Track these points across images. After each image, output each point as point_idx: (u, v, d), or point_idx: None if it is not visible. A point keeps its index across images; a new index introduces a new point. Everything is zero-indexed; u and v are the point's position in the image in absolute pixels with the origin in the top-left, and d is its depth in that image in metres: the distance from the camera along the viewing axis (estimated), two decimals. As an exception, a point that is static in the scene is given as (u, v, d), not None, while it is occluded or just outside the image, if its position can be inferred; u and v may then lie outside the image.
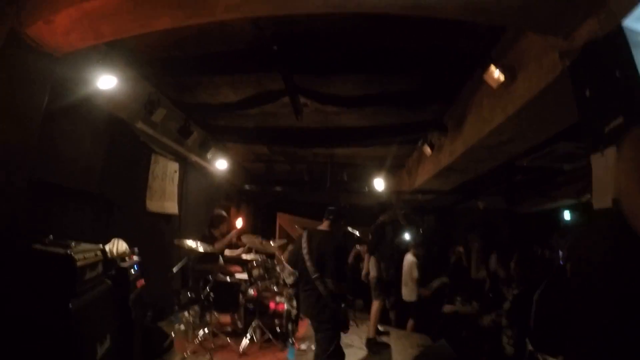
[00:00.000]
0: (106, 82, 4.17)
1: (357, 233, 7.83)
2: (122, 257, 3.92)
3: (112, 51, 4.10)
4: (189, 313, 5.99)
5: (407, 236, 7.53)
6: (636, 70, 2.22)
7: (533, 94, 3.49)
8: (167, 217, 6.97)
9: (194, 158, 7.58)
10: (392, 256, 6.48)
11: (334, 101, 5.45)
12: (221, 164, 8.08)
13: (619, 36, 2.34)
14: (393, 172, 9.38)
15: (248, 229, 9.80)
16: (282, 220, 12.13)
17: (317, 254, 3.98)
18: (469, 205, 10.39)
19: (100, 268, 3.25)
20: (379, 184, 8.63)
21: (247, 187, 10.20)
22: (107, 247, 3.79)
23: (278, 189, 10.67)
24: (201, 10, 3.07)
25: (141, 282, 4.09)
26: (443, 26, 3.79)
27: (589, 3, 2.57)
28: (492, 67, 3.91)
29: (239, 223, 7.49)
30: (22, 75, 3.11)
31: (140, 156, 6.15)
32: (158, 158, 6.58)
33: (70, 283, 2.66)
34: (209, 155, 7.61)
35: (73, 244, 2.93)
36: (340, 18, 3.84)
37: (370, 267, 6.50)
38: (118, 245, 3.94)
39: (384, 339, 6.38)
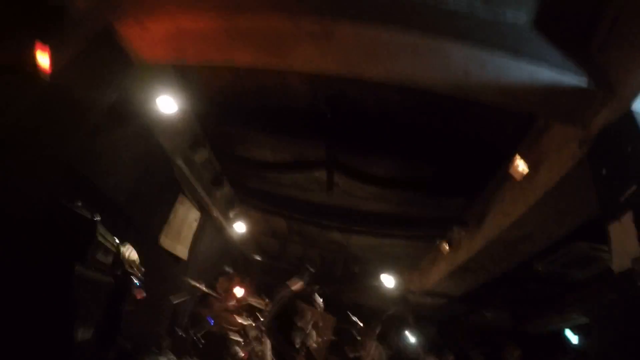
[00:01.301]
0: (166, 104, 4.52)
1: (360, 323, 7.50)
2: (130, 264, 3.93)
3: (180, 78, 4.48)
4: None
5: (411, 339, 7.31)
6: (645, 143, 2.55)
7: (553, 182, 3.71)
8: (175, 259, 6.93)
9: (216, 214, 7.74)
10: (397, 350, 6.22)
11: (367, 179, 5.69)
12: (240, 227, 8.20)
13: (629, 118, 2.72)
14: (405, 271, 9.24)
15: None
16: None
17: None
18: (473, 321, 10.02)
19: (110, 260, 3.27)
20: (389, 280, 8.48)
21: (257, 257, 10.16)
22: (122, 248, 3.82)
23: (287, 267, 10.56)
24: (279, 56, 3.49)
25: (141, 294, 4.04)
26: (476, 120, 4.36)
27: (603, 94, 2.95)
28: (518, 159, 4.19)
29: (239, 292, 7.32)
30: (101, 70, 3.43)
31: (169, 192, 6.36)
32: (184, 200, 6.79)
33: (83, 247, 2.70)
34: (231, 214, 7.77)
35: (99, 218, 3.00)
36: (387, 96, 4.34)
37: (372, 351, 6.22)
38: (131, 252, 3.97)
39: None
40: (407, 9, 3.15)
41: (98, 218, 2.97)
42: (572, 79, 3.00)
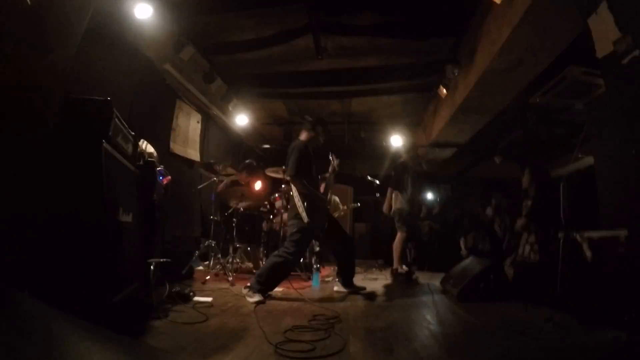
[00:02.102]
0: (142, 11, 4.50)
1: (377, 181, 7.88)
2: (149, 156, 3.94)
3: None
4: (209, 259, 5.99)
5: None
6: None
7: (532, -1, 3.73)
8: (189, 163, 7.23)
9: (216, 111, 7.84)
10: (412, 196, 6.52)
11: (354, 31, 5.60)
12: (241, 120, 8.30)
13: None
14: (411, 129, 9.49)
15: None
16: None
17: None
18: (484, 176, 10.57)
19: (130, 148, 3.19)
20: (396, 140, 8.72)
21: (266, 145, 10.42)
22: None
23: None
24: None
25: (168, 179, 4.22)
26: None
27: None
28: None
29: (258, 185, 7.59)
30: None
31: (166, 99, 6.46)
32: (182, 105, 6.89)
33: (105, 125, 2.65)
34: (230, 107, 7.83)
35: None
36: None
37: (393, 201, 6.62)
38: (148, 145, 4.10)
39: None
40: None
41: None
42: None
